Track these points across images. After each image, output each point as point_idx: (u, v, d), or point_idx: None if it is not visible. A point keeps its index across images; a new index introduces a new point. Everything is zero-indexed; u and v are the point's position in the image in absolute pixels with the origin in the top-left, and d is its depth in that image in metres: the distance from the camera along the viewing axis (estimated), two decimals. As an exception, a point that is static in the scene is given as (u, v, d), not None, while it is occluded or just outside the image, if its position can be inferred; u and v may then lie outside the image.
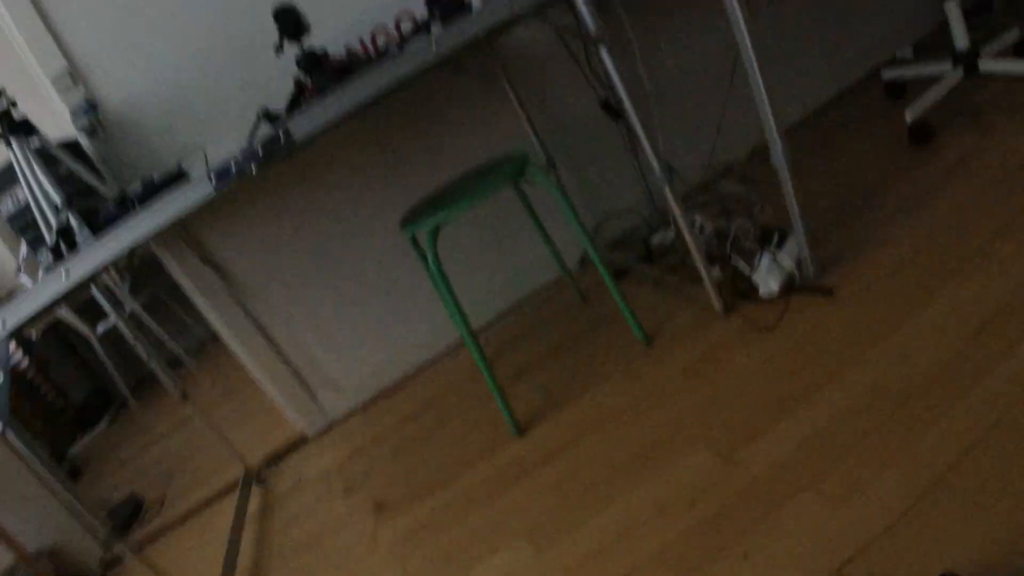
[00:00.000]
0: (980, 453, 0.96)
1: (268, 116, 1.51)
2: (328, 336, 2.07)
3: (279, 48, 1.45)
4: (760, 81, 1.36)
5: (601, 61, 1.34)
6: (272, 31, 1.45)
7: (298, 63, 1.46)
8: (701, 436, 1.27)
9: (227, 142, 1.72)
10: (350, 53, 1.64)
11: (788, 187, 1.44)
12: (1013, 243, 1.34)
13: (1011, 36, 2.00)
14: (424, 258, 1.69)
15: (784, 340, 1.40)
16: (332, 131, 1.42)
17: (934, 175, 1.73)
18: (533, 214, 1.88)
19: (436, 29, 1.38)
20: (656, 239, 2.01)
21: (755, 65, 1.35)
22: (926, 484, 0.96)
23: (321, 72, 1.45)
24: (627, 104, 1.36)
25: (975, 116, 1.92)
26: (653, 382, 1.50)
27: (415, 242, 1.72)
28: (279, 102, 1.60)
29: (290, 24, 1.42)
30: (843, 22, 2.52)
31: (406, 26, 1.63)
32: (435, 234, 1.45)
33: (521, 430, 1.57)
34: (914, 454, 1.02)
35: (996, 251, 1.34)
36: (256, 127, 1.49)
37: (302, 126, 1.20)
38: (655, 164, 1.42)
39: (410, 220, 1.53)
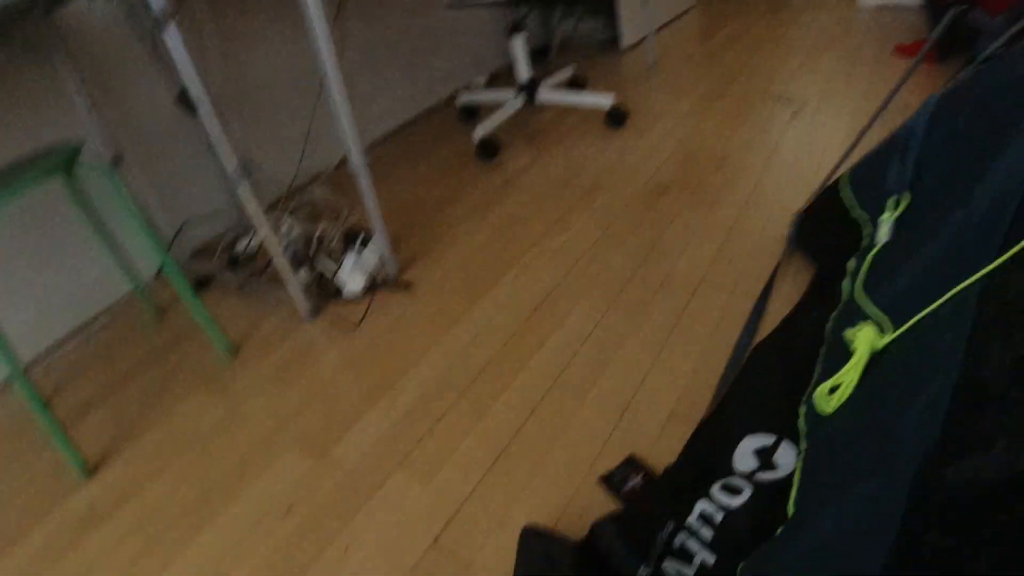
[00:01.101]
0: (541, 413, 1.15)
1: None
2: None
3: None
4: (338, 93, 1.40)
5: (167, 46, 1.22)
6: None
7: None
8: (292, 440, 1.24)
9: None
10: None
11: (368, 192, 1.50)
12: (558, 239, 1.66)
13: (566, 73, 2.53)
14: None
15: (369, 336, 1.46)
16: None
17: (498, 185, 2.03)
18: (95, 220, 1.60)
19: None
20: (241, 245, 1.91)
21: (335, 79, 1.39)
22: (499, 449, 1.11)
23: None
24: (196, 94, 1.26)
25: (532, 138, 2.33)
26: (239, 394, 1.41)
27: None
28: None
29: None
30: (426, 52, 2.78)
31: None
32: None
33: (90, 471, 1.33)
34: (486, 424, 1.16)
35: (545, 245, 1.64)
36: None
37: None
38: (227, 162, 1.34)
39: None
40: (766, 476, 0.93)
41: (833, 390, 0.90)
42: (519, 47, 2.26)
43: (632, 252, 1.53)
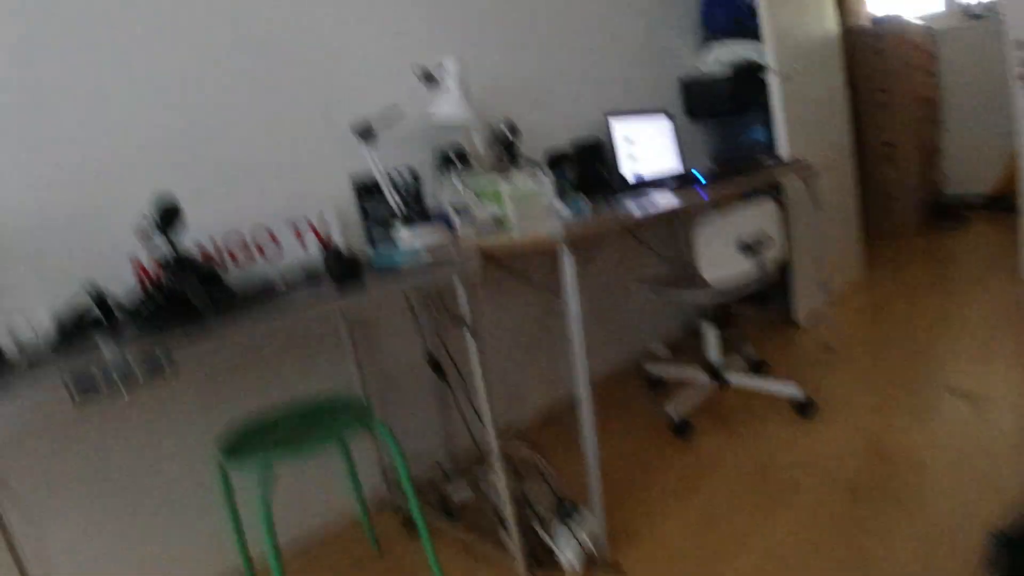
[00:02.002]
0: None
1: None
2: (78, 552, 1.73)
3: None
4: (580, 351, 1.63)
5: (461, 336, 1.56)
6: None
7: (165, 267, 1.45)
8: None
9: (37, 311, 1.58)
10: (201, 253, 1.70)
11: (593, 463, 1.67)
12: (769, 527, 1.73)
13: (750, 355, 2.75)
14: (225, 486, 1.62)
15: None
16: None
17: (693, 466, 2.14)
18: (348, 457, 1.89)
19: (328, 286, 1.48)
20: (456, 496, 2.13)
21: (579, 337, 1.62)
22: None
23: (184, 278, 1.41)
24: (477, 367, 1.61)
25: (722, 418, 2.45)
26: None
27: (222, 468, 1.64)
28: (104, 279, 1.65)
29: (168, 221, 1.45)
30: (613, 320, 3.16)
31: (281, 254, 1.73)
32: (269, 471, 1.42)
33: None
34: None
35: (753, 543, 1.69)
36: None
37: (187, 350, 1.13)
38: (488, 422, 1.63)
39: (237, 451, 1.48)
40: None
41: None
42: (711, 334, 2.51)
43: (840, 560, 1.57)
